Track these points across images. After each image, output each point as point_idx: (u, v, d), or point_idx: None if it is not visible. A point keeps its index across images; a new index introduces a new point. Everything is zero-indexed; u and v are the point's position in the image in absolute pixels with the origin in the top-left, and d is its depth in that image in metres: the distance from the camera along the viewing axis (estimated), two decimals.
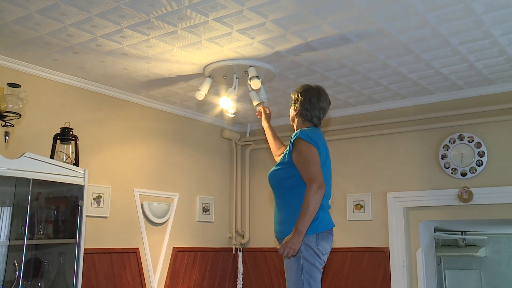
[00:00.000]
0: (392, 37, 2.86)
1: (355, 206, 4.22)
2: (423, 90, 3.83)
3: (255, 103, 3.33)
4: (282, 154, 2.33)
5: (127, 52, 3.06)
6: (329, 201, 2.31)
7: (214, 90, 3.85)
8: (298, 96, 2.37)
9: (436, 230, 4.80)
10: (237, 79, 3.38)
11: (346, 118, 4.43)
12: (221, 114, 4.61)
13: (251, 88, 3.29)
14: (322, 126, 2.41)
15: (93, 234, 3.60)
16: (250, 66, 3.22)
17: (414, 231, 4.00)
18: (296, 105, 2.37)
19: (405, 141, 4.10)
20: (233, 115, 3.52)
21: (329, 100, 2.40)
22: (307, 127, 2.32)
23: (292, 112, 2.42)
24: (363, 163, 4.29)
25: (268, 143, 2.83)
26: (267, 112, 2.86)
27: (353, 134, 4.37)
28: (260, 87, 3.25)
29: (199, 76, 3.52)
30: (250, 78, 3.17)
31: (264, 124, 2.82)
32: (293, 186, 2.19)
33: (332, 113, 4.45)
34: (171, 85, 3.77)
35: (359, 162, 4.31)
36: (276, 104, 4.33)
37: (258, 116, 2.91)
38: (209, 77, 3.37)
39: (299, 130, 2.26)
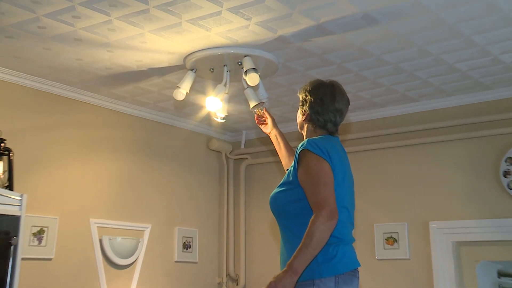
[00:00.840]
0: (433, 15, 2.85)
1: (386, 240, 4.21)
2: (476, 85, 3.84)
3: (252, 104, 3.35)
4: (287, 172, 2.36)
5: (81, 37, 3.05)
6: (352, 231, 2.32)
7: (198, 88, 3.87)
8: (306, 95, 2.38)
9: (500, 275, 4.70)
10: (228, 73, 3.43)
11: (371, 123, 4.45)
12: (207, 119, 4.63)
13: (247, 84, 3.33)
14: (340, 133, 2.41)
15: (31, 283, 3.51)
16: (246, 56, 3.26)
17: (468, 275, 3.92)
18: (305, 107, 2.38)
19: (452, 152, 4.10)
20: (223, 120, 3.53)
21: (348, 99, 2.39)
22: (320, 135, 2.33)
23: (300, 117, 2.42)
24: (395, 182, 4.30)
25: (278, 155, 2.84)
26: (270, 117, 2.87)
27: (381, 144, 4.39)
28: (258, 83, 3.26)
29: (178, 69, 3.56)
30: (246, 71, 3.21)
31: (271, 130, 2.82)
32: (301, 212, 2.17)
33: (352, 116, 4.47)
34: (141, 81, 3.78)
35: (390, 180, 4.32)
36: (279, 105, 4.35)
37: (256, 121, 2.91)
38: (192, 70, 3.42)
39: (307, 139, 2.27)
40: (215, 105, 3.40)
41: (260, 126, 2.91)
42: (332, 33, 3.04)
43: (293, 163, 2.27)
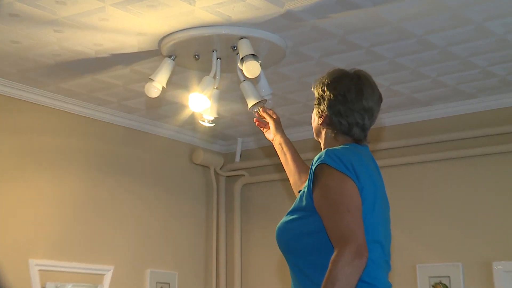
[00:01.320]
0: None
1: (433, 285, 4.19)
2: None
3: (250, 102, 3.34)
4: (299, 194, 2.35)
5: (18, 11, 3.05)
6: (388, 274, 2.31)
7: (178, 81, 3.88)
8: (324, 90, 2.39)
9: None
10: (218, 61, 3.45)
11: (411, 127, 4.46)
12: (191, 123, 4.64)
13: (244, 76, 3.32)
14: (370, 141, 2.42)
15: None
16: (242, 38, 3.27)
17: None
18: (322, 106, 2.39)
19: None
20: (212, 125, 3.54)
21: (380, 95, 2.39)
22: (342, 144, 2.33)
23: (315, 120, 2.43)
24: (445, 208, 4.29)
25: (284, 169, 2.85)
26: (274, 117, 2.89)
27: (424, 155, 4.39)
28: (259, 75, 3.28)
29: (151, 55, 3.57)
30: (242, 58, 3.22)
31: (274, 136, 2.85)
32: (318, 249, 2.18)
33: (385, 118, 4.48)
34: (101, 71, 3.79)
35: (437, 206, 4.31)
36: (287, 103, 4.36)
37: (257, 124, 2.92)
38: (170, 57, 3.45)
39: (325, 150, 2.27)
40: (201, 104, 3.40)
41: (262, 130, 2.93)
42: (358, 6, 3.04)
43: (307, 183, 2.26)
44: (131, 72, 3.79)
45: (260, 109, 2.92)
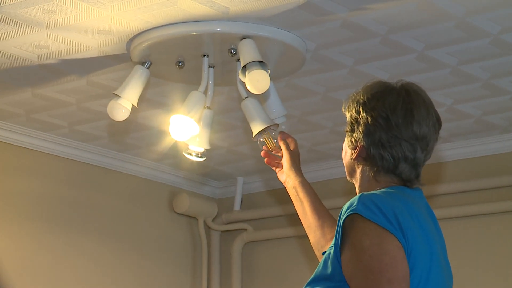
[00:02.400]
0: None
1: None
2: None
3: (256, 128, 3.33)
4: (323, 256, 2.33)
5: None
6: None
7: (154, 97, 3.89)
8: (359, 111, 2.41)
9: None
10: (210, 70, 3.46)
11: (483, 163, 4.46)
12: (173, 157, 4.66)
13: (247, 91, 3.34)
14: (424, 182, 2.41)
15: None
16: (244, 38, 3.28)
17: None
18: (356, 134, 2.41)
19: None
20: (202, 159, 3.54)
21: (438, 117, 2.40)
22: (384, 186, 2.35)
23: (347, 153, 2.46)
24: None
25: (301, 222, 2.84)
26: (292, 149, 2.92)
27: (504, 203, 4.39)
28: (268, 89, 3.28)
29: (117, 61, 3.59)
30: (245, 67, 3.22)
31: (286, 177, 2.87)
32: None
33: (446, 150, 4.49)
34: (46, 83, 3.80)
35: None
36: (307, 129, 4.37)
37: (265, 160, 2.95)
38: (143, 64, 3.46)
39: (359, 195, 2.28)
40: (186, 130, 3.40)
41: (273, 168, 2.95)
42: None
43: (333, 241, 2.26)
44: (88, 85, 3.79)
45: (269, 138, 2.92)
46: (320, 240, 2.69)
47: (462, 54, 3.55)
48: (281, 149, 2.92)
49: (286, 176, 2.85)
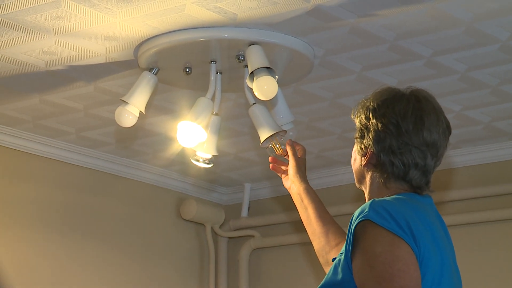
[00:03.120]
0: None
1: None
2: None
3: (264, 134, 3.33)
4: (333, 263, 2.33)
5: None
6: None
7: (161, 104, 3.90)
8: (369, 118, 2.41)
9: None
10: (218, 77, 3.47)
11: (494, 169, 4.47)
12: (180, 163, 4.66)
13: (255, 98, 3.34)
14: (434, 189, 2.40)
15: None
16: (252, 44, 3.29)
17: None
18: (366, 141, 2.41)
19: None
20: (210, 165, 3.54)
21: (448, 124, 2.40)
22: (394, 193, 2.35)
23: (357, 160, 2.45)
24: None
25: (305, 230, 2.84)
26: (299, 156, 2.93)
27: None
28: (276, 95, 3.28)
29: (124, 68, 3.60)
30: (252, 73, 3.23)
31: (291, 183, 2.88)
32: None
33: (457, 156, 4.49)
34: (53, 90, 3.80)
35: None
36: (315, 135, 4.37)
37: (271, 166, 2.95)
38: (150, 70, 3.46)
39: (370, 201, 2.27)
40: (194, 136, 3.40)
41: (278, 174, 2.96)
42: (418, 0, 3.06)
43: (344, 247, 2.26)
44: (96, 91, 3.80)
45: (277, 145, 2.92)
46: (325, 247, 2.69)
47: (471, 60, 3.55)
48: (287, 155, 2.93)
49: (291, 182, 2.87)
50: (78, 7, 3.06)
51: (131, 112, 3.39)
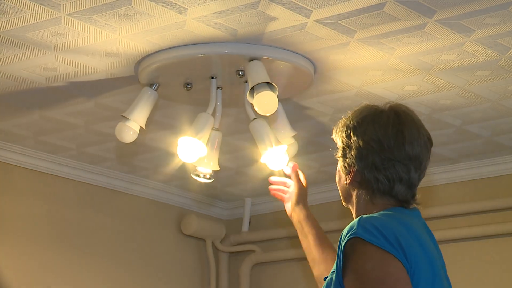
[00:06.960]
0: None
1: None
2: None
3: (264, 150, 3.35)
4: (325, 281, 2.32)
5: None
6: None
7: (162, 119, 3.91)
8: (350, 136, 2.42)
9: None
10: (218, 92, 3.48)
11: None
12: (180, 178, 4.67)
13: (255, 113, 3.36)
14: (421, 202, 2.40)
15: None
16: (252, 60, 3.29)
17: None
18: (348, 159, 2.41)
19: None
20: (210, 181, 3.54)
21: (428, 136, 2.39)
22: (381, 209, 2.34)
23: (341, 178, 2.45)
24: None
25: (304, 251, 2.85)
26: (304, 184, 2.95)
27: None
28: (276, 110, 3.28)
29: (124, 84, 3.62)
30: (253, 88, 3.24)
31: (292, 211, 2.90)
32: None
33: (455, 170, 4.43)
34: (54, 106, 3.81)
35: None
36: (316, 149, 4.36)
37: (272, 191, 2.98)
38: (151, 86, 3.47)
39: (358, 218, 2.28)
40: (194, 152, 3.40)
41: (282, 199, 2.99)
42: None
43: (335, 266, 2.26)
44: (96, 107, 3.81)
45: (289, 167, 2.93)
46: (324, 273, 2.68)
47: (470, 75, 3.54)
48: (290, 178, 2.94)
49: (292, 210, 2.90)
50: (79, 23, 3.07)
51: (131, 127, 3.40)
